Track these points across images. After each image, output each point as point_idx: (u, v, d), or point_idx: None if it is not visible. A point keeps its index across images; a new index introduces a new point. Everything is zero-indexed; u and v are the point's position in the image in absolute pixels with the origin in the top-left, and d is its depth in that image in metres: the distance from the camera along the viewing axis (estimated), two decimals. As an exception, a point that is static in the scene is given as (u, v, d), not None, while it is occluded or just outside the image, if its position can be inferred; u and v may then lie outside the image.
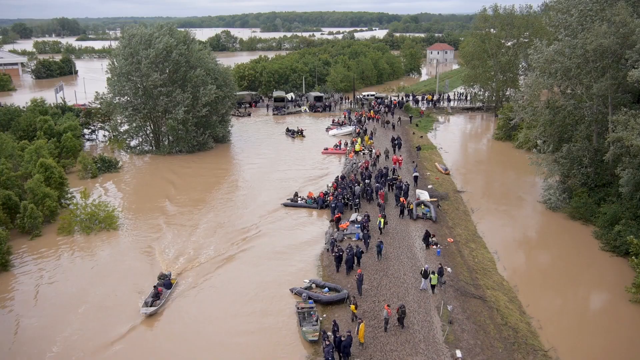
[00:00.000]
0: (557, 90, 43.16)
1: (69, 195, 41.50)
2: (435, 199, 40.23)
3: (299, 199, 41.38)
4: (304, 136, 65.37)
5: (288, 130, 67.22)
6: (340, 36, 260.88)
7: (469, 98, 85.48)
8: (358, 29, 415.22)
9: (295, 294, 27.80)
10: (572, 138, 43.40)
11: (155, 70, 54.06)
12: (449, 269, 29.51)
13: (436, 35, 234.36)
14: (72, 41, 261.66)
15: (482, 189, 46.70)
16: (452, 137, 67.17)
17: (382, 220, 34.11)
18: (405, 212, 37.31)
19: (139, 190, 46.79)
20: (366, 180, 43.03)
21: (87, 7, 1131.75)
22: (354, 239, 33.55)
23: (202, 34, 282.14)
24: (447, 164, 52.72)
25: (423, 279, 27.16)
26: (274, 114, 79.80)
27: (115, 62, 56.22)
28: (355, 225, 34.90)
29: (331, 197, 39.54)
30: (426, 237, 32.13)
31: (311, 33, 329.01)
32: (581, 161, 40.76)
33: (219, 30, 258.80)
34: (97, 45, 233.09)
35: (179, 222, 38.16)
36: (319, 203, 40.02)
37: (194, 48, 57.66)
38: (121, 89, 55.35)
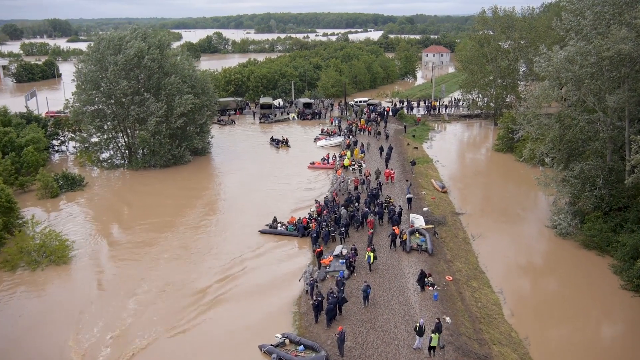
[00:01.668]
0: (568, 101, 38.68)
1: (19, 222, 36.75)
2: (431, 226, 35.68)
3: (279, 225, 36.74)
4: (289, 146, 60.96)
5: (272, 139, 62.79)
6: (334, 38, 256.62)
7: (465, 104, 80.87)
8: (353, 30, 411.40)
9: (264, 352, 23.21)
10: (582, 154, 39.11)
11: (125, 78, 49.33)
12: (447, 319, 24.96)
13: (432, 37, 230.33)
14: (63, 43, 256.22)
15: (483, 210, 42.21)
16: (449, 148, 62.73)
17: (372, 255, 29.50)
18: (398, 241, 32.61)
19: (100, 213, 41.84)
20: (355, 204, 38.33)
21: (84, 8, 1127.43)
22: (338, 278, 28.95)
23: (196, 35, 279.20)
24: (444, 180, 48.24)
25: (417, 337, 22.60)
26: (260, 122, 75.10)
27: (83, 68, 51.42)
28: (340, 261, 30.24)
29: (314, 224, 34.89)
30: (421, 278, 27.57)
31: (305, 34, 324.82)
32: (594, 181, 36.37)
33: (213, 32, 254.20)
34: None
35: (126, 271, 31.20)
36: (300, 230, 35.37)
37: (168, 53, 52.93)
38: (88, 97, 50.63)
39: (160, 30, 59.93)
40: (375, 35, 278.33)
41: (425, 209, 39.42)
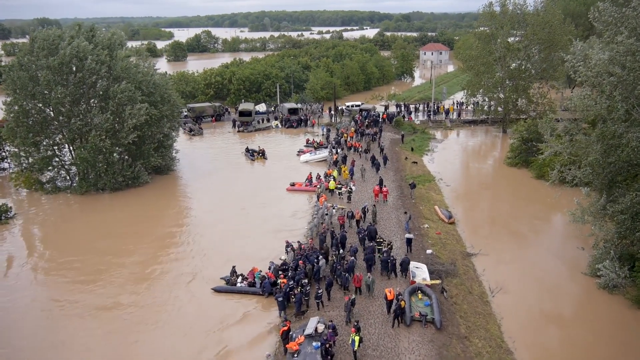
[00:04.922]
0: (613, 115, 30.20)
1: None
2: (438, 281, 27.21)
3: (238, 279, 28.18)
4: (265, 158, 52.89)
5: (247, 150, 54.67)
6: (328, 36, 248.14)
7: (469, 108, 72.30)
8: (349, 28, 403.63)
9: None
10: (626, 180, 30.75)
11: (62, 84, 40.74)
12: None
13: (429, 34, 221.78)
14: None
15: (499, 246, 33.70)
16: (453, 161, 54.26)
17: (357, 338, 20.96)
18: (394, 305, 23.90)
19: (19, 256, 33.03)
20: (339, 250, 29.55)
21: (81, 7, 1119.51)
22: (306, 375, 20.50)
23: (189, 34, 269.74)
24: (450, 206, 39.84)
25: None
26: (238, 131, 66.45)
27: (13, 75, 42.73)
28: (313, 345, 21.65)
29: (283, 281, 26.39)
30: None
31: (300, 33, 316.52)
32: (647, 217, 28.03)
33: (207, 30, 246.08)
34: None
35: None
36: (265, 287, 26.86)
37: (120, 54, 44.20)
38: (21, 108, 42.06)
39: (111, 30, 51.12)
40: (371, 33, 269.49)
41: (429, 251, 30.93)
